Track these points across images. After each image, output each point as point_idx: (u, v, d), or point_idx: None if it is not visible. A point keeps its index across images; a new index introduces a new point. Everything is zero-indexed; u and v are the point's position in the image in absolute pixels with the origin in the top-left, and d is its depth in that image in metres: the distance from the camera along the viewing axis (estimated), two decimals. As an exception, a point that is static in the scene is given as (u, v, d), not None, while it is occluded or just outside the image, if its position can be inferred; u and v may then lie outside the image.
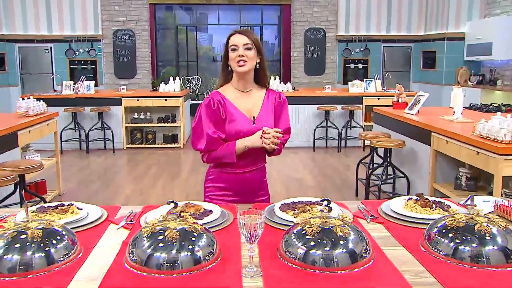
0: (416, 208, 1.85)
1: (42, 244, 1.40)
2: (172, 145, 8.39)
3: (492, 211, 1.89)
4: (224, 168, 2.28)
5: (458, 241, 1.44)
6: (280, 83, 8.80)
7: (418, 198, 1.91)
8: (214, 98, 2.22)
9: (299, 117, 8.36)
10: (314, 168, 6.96)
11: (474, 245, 1.42)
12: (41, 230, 1.43)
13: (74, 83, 8.55)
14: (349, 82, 8.74)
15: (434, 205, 1.86)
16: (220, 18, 13.00)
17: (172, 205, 1.85)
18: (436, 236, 1.50)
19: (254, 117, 2.24)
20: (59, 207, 1.86)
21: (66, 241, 1.47)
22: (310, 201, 1.92)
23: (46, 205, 1.91)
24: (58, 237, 1.46)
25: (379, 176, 5.01)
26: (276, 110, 2.32)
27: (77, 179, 6.38)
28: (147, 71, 10.94)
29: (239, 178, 2.28)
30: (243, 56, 2.18)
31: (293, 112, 8.32)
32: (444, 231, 1.50)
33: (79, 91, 8.33)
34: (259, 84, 2.34)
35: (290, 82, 9.22)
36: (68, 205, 1.88)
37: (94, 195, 5.55)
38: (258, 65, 2.26)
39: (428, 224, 1.63)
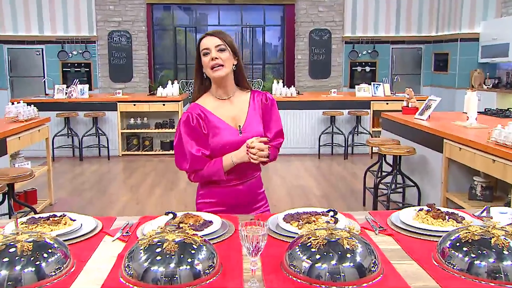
0: (427, 220, 1.84)
1: (32, 258, 1.39)
2: (170, 152, 8.39)
3: (510, 224, 1.87)
4: (213, 181, 2.20)
5: (473, 256, 1.42)
6: (283, 87, 8.82)
7: (430, 209, 1.90)
8: (193, 113, 2.13)
9: (303, 122, 8.36)
10: (319, 176, 6.95)
11: (491, 260, 1.40)
12: (31, 243, 1.42)
13: (67, 87, 8.57)
14: (356, 86, 8.75)
15: (447, 217, 1.84)
16: (221, 18, 13.04)
17: (171, 215, 1.85)
18: (450, 249, 1.49)
19: (240, 126, 2.16)
20: (50, 218, 1.85)
21: (58, 254, 1.46)
22: (316, 212, 1.91)
23: (37, 216, 1.91)
24: (50, 250, 1.45)
25: (388, 185, 4.99)
26: (264, 114, 2.24)
27: (69, 188, 6.38)
28: (144, 74, 10.97)
29: (231, 191, 2.20)
30: (216, 58, 2.10)
31: (297, 117, 8.32)
32: (458, 244, 1.48)
33: (72, 95, 8.35)
34: (241, 87, 2.26)
35: (294, 86, 9.23)
36: (61, 216, 1.87)
37: (88, 205, 5.55)
38: (234, 67, 2.18)
39: (440, 236, 1.62)
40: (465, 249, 1.46)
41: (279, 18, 13.25)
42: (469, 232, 1.50)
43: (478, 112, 4.66)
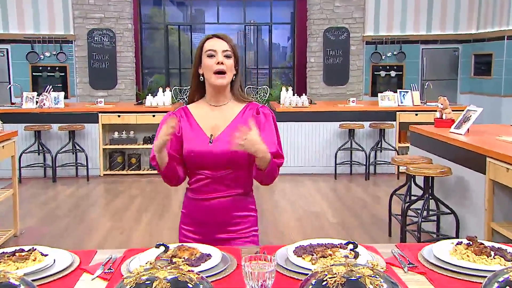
0: (468, 256, 1.82)
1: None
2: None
3: None
4: (188, 190, 2.41)
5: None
6: (293, 95, 8.83)
7: (471, 243, 1.89)
8: (177, 114, 2.37)
9: (317, 137, 8.36)
10: (336, 201, 6.93)
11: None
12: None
13: (38, 95, 8.58)
14: (379, 94, 8.75)
15: (492, 253, 1.83)
16: (220, 16, 13.16)
17: (162, 248, 1.85)
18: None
19: (212, 135, 2.31)
20: (16, 254, 1.84)
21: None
22: (332, 244, 1.91)
23: None
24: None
25: (419, 212, 4.96)
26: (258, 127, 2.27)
27: (40, 215, 6.36)
28: (131, 80, 11.03)
29: (200, 205, 2.35)
30: (222, 63, 2.27)
31: (310, 131, 8.32)
32: None
33: (44, 104, 8.38)
34: (237, 98, 2.40)
35: (305, 94, 9.25)
36: (29, 250, 1.86)
37: (62, 236, 5.53)
38: (234, 77, 2.36)
39: (484, 277, 1.59)
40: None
41: (288, 14, 13.35)
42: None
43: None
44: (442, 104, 5.52)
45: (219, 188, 2.32)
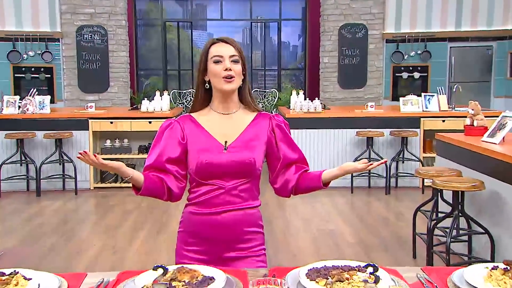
0: (505, 283, 1.81)
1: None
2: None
3: None
4: (190, 205, 2.45)
5: None
6: (305, 99, 8.84)
7: (508, 268, 1.87)
8: (180, 121, 2.45)
9: (331, 146, 8.35)
10: (353, 217, 6.90)
11: None
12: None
13: (21, 99, 8.61)
14: (401, 98, 8.73)
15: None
16: (224, 11, 13.22)
17: (160, 271, 1.84)
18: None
19: (226, 142, 2.39)
20: (-3, 277, 1.84)
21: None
22: (349, 266, 1.91)
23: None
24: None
25: (447, 230, 4.92)
26: (269, 139, 2.46)
27: (22, 233, 6.34)
28: (124, 83, 11.07)
29: (206, 219, 2.39)
30: (230, 70, 2.36)
31: (324, 139, 8.31)
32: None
33: (27, 109, 8.40)
34: (246, 106, 2.50)
35: (318, 99, 9.25)
36: (11, 274, 1.85)
37: (48, 257, 5.50)
38: (242, 82, 2.45)
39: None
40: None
41: (299, 10, 13.39)
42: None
43: None
44: (473, 110, 5.50)
45: (232, 200, 2.38)
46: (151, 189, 2.37)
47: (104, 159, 7.57)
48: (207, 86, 2.43)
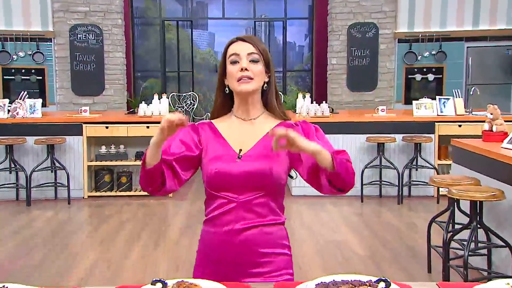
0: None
1: None
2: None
3: None
4: (206, 223, 2.36)
5: None
6: (311, 103, 8.85)
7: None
8: (199, 126, 2.41)
9: (341, 152, 8.32)
10: (362, 228, 6.89)
11: None
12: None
13: (11, 102, 8.62)
14: (414, 102, 8.73)
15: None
16: (226, 9, 13.22)
17: (159, 285, 1.81)
18: None
19: (240, 150, 2.31)
20: (-16, 293, 1.81)
21: None
22: (360, 281, 1.90)
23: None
24: None
25: (465, 243, 4.89)
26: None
27: (11, 245, 6.34)
28: (121, 86, 11.07)
29: (218, 239, 2.29)
30: (247, 70, 2.28)
31: (332, 144, 8.25)
32: None
33: (17, 113, 8.41)
34: (271, 112, 2.42)
35: (326, 102, 9.22)
36: (-1, 289, 1.82)
37: (38, 271, 5.48)
38: (266, 85, 2.37)
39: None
40: None
41: (306, 8, 13.39)
42: None
43: None
44: (492, 114, 5.47)
45: (246, 216, 2.27)
46: (154, 175, 2.22)
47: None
48: (226, 90, 2.38)
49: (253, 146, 2.32)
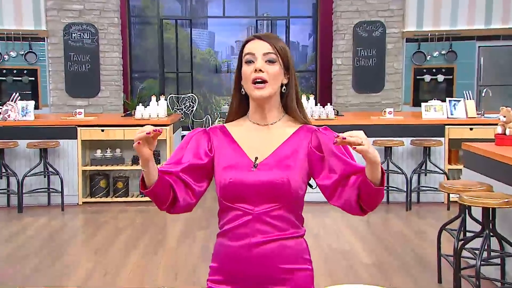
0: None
1: None
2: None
3: None
4: (220, 236, 2.30)
5: None
6: (315, 105, 8.85)
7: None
8: (210, 132, 2.35)
9: (346, 156, 8.31)
10: (369, 236, 6.88)
11: None
12: None
13: (1, 104, 8.64)
14: (423, 104, 8.72)
15: None
16: (227, 8, 13.22)
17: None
18: None
19: (256, 158, 2.24)
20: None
21: None
22: None
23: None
24: None
25: (477, 252, 4.87)
26: (313, 158, 2.25)
27: (3, 254, 6.31)
28: (117, 87, 11.06)
29: (233, 253, 2.24)
30: (261, 71, 2.20)
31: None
32: None
33: (9, 116, 8.40)
34: (291, 116, 2.34)
35: (331, 104, 9.22)
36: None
37: (31, 280, 5.47)
38: (284, 88, 2.30)
39: None
40: None
41: (310, 6, 13.41)
42: None
43: None
44: (505, 116, 5.46)
45: (263, 229, 2.20)
46: (158, 194, 2.19)
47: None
48: (243, 91, 2.30)
49: (270, 154, 2.25)
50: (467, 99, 8.62)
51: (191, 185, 2.24)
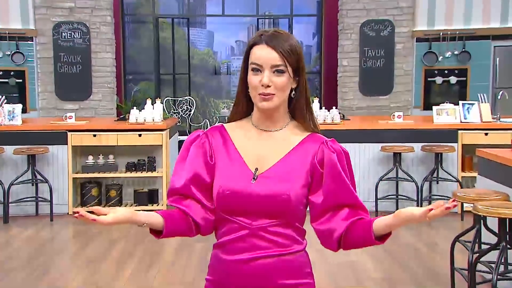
0: None
1: None
2: (150, 207, 8.33)
3: None
4: (216, 248, 2.28)
5: None
6: (320, 108, 8.86)
7: None
8: (209, 134, 2.30)
9: (352, 163, 8.27)
10: (377, 248, 6.78)
11: None
12: None
13: (-13, 108, 8.62)
14: (435, 107, 8.72)
15: None
16: (226, 6, 13.21)
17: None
18: None
19: (257, 169, 2.21)
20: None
21: None
22: None
23: None
24: None
25: (493, 266, 4.85)
26: (315, 172, 2.23)
27: (-10, 265, 6.33)
28: (110, 90, 11.07)
29: (230, 268, 2.22)
30: (269, 86, 2.16)
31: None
32: None
33: (-4, 120, 8.40)
34: (299, 122, 2.30)
35: (336, 108, 9.23)
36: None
37: (17, 293, 5.46)
38: (294, 93, 2.25)
39: None
40: None
41: (314, 4, 13.41)
42: None
43: None
44: (521, 121, 5.45)
45: (261, 245, 2.17)
46: (174, 231, 2.21)
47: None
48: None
49: (272, 165, 2.22)
50: (482, 102, 8.62)
51: (203, 202, 2.24)
